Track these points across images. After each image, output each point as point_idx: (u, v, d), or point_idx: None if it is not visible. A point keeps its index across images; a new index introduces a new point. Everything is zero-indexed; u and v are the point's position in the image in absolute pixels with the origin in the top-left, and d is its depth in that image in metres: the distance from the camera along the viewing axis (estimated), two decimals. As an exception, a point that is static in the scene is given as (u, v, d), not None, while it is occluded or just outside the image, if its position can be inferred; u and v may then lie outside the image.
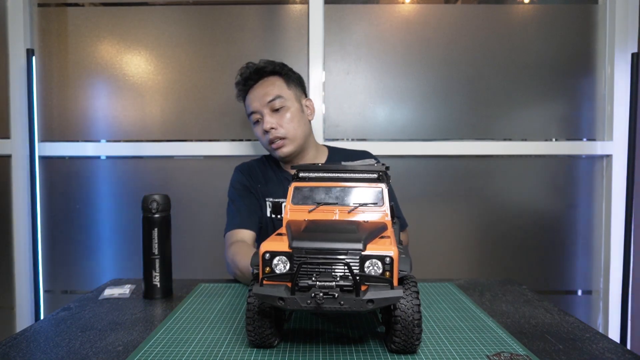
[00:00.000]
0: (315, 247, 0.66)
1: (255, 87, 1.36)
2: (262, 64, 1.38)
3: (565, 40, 1.78)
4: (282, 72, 1.38)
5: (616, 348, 0.74)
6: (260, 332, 0.71)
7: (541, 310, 0.93)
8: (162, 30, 1.76)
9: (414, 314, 0.68)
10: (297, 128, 1.34)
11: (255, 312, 0.70)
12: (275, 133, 1.31)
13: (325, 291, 0.63)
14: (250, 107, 1.36)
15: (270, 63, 1.38)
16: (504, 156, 1.79)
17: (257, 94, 1.35)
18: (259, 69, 1.37)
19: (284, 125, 1.32)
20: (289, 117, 1.33)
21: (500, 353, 0.72)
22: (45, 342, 0.79)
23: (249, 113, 1.38)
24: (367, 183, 0.80)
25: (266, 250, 0.67)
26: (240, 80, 1.39)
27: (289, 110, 1.34)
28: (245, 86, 1.38)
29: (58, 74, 1.76)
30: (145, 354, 0.73)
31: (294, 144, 1.34)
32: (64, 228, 1.79)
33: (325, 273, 0.65)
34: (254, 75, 1.37)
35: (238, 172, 1.43)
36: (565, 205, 1.82)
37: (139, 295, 1.07)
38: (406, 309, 0.68)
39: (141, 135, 1.77)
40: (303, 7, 1.76)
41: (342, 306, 0.63)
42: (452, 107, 1.78)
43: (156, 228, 1.02)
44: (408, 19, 1.77)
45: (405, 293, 0.68)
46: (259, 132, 1.37)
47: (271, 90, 1.34)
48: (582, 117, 1.80)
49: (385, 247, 0.67)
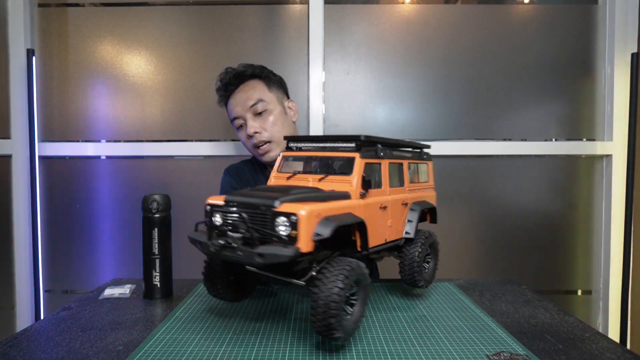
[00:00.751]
0: (238, 201, 0.72)
1: (236, 92, 1.35)
2: (241, 68, 1.37)
3: (565, 40, 1.78)
4: (262, 75, 1.37)
5: (616, 348, 0.74)
6: (214, 286, 0.85)
7: (541, 310, 0.94)
8: (162, 30, 1.76)
9: (329, 296, 0.64)
10: (281, 131, 1.34)
11: (209, 268, 0.83)
12: (260, 137, 1.31)
13: (226, 240, 0.69)
14: (233, 113, 1.35)
15: (250, 67, 1.37)
16: (504, 156, 1.79)
17: (239, 98, 1.34)
18: (238, 73, 1.36)
19: (267, 128, 1.32)
20: (272, 121, 1.32)
21: (500, 353, 0.72)
22: (46, 341, 0.79)
23: (232, 118, 1.37)
24: (345, 153, 0.81)
25: (208, 202, 0.76)
26: (221, 86, 1.38)
27: (271, 113, 1.33)
28: (226, 92, 1.37)
29: (58, 74, 1.76)
30: (146, 354, 0.73)
31: (280, 147, 1.33)
32: (64, 228, 1.79)
33: (239, 225, 0.71)
34: (234, 80, 1.36)
35: (227, 175, 1.44)
36: (565, 205, 1.82)
37: (139, 295, 1.07)
38: (321, 288, 0.65)
39: (141, 135, 1.77)
40: (303, 7, 1.76)
41: (239, 256, 0.67)
42: (452, 107, 1.78)
43: (156, 228, 1.02)
44: (408, 19, 1.77)
45: (328, 272, 0.65)
46: (243, 137, 1.36)
47: (252, 94, 1.33)
48: (582, 117, 1.80)
49: (300, 208, 0.65)
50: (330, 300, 0.64)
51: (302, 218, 0.65)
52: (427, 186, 1.03)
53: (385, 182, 0.85)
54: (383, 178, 0.85)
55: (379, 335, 0.79)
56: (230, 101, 1.37)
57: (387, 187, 0.86)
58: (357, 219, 0.74)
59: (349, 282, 0.67)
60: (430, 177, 1.04)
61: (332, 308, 0.64)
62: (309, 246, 0.65)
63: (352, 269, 0.68)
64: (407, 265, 0.92)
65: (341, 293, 0.65)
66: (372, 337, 0.79)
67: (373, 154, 0.82)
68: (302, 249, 0.64)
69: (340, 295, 0.65)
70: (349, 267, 0.68)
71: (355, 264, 0.70)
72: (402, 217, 0.91)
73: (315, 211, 0.67)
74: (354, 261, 0.70)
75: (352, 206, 0.75)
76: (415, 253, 0.91)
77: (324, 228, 0.66)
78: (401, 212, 0.90)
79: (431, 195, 1.03)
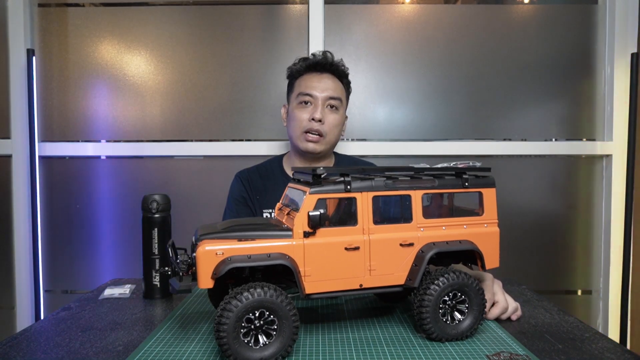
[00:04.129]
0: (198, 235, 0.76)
1: (323, 76, 1.35)
2: (337, 60, 1.37)
3: (565, 40, 1.78)
4: (345, 81, 1.40)
5: (615, 348, 0.74)
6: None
7: (541, 310, 0.93)
8: (162, 30, 1.76)
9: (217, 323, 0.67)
10: (336, 135, 1.37)
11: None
12: (319, 126, 1.31)
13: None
14: (309, 89, 1.33)
15: (343, 64, 1.39)
16: (504, 156, 1.79)
17: (325, 83, 1.34)
18: (335, 64, 1.36)
19: (328, 124, 1.33)
20: (336, 122, 1.34)
21: (500, 353, 0.72)
22: (46, 342, 0.79)
23: (303, 93, 1.33)
24: (303, 187, 0.77)
25: None
26: (312, 60, 1.36)
27: (338, 115, 1.35)
28: (311, 69, 1.36)
29: (58, 74, 1.76)
30: (146, 354, 0.73)
31: (325, 147, 1.35)
32: (64, 228, 1.79)
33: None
34: (328, 66, 1.36)
35: (238, 180, 1.42)
36: (565, 205, 1.82)
37: (139, 295, 1.07)
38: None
39: (141, 135, 1.77)
40: (303, 7, 1.76)
41: (172, 283, 0.75)
42: (452, 107, 1.78)
43: (156, 228, 1.02)
44: (408, 19, 1.77)
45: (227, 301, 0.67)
46: (301, 115, 1.32)
47: (337, 89, 1.35)
48: (582, 117, 1.80)
49: (205, 245, 0.70)
50: (215, 323, 0.67)
51: (199, 256, 0.69)
52: (476, 221, 0.81)
53: (363, 218, 0.75)
54: (359, 214, 0.75)
55: (379, 335, 0.79)
56: (312, 78, 1.34)
57: (369, 225, 0.75)
58: (277, 260, 0.70)
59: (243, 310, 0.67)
60: (487, 209, 0.82)
61: (220, 330, 0.67)
62: (208, 283, 0.69)
63: (250, 299, 0.67)
64: (415, 311, 0.77)
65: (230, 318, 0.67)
66: (372, 337, 0.79)
67: (340, 187, 0.74)
68: (200, 285, 0.69)
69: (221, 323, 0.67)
70: (245, 295, 0.68)
71: (259, 293, 0.68)
72: (401, 260, 0.77)
73: (220, 250, 0.69)
74: (259, 291, 0.68)
75: (285, 246, 0.72)
76: (418, 298, 0.76)
77: (223, 267, 0.68)
78: (399, 254, 0.76)
79: (482, 233, 0.81)
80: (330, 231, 0.74)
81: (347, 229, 0.74)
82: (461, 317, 0.77)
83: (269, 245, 0.71)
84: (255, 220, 0.86)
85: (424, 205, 0.78)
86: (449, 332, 0.76)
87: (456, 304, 0.77)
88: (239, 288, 0.68)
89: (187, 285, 0.72)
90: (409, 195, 0.77)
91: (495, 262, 0.82)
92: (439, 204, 0.83)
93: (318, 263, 0.73)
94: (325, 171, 0.75)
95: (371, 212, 0.75)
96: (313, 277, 0.73)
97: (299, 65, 1.38)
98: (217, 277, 0.68)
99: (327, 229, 0.74)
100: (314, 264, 0.73)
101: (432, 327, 0.75)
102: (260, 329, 0.69)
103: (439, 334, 0.76)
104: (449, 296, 0.76)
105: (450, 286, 0.76)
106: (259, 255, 0.70)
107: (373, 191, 0.75)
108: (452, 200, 0.82)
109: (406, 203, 0.78)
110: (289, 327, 0.69)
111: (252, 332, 0.68)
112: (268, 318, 0.69)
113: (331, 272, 0.73)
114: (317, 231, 0.73)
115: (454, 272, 0.77)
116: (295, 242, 0.72)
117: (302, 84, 1.35)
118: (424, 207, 0.78)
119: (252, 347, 0.68)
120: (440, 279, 0.75)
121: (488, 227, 0.82)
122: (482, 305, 0.78)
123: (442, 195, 0.82)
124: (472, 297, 0.77)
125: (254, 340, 0.69)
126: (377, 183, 0.76)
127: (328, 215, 0.77)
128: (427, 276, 0.77)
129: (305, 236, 0.72)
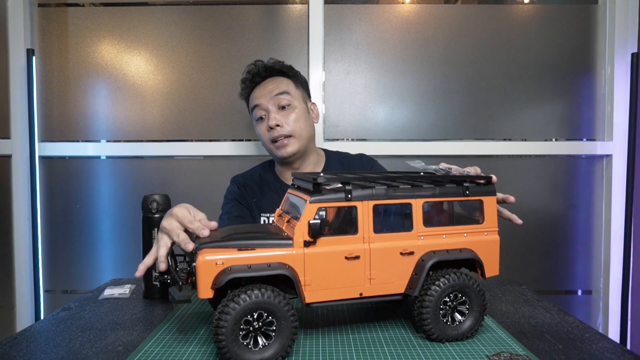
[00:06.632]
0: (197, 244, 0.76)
1: (262, 84, 1.34)
2: (271, 62, 1.36)
3: (565, 40, 1.78)
4: (290, 74, 1.38)
5: (616, 348, 0.74)
6: None
7: (541, 310, 0.93)
8: (162, 30, 1.76)
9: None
10: (304, 128, 1.32)
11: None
12: (281, 131, 1.29)
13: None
14: (255, 101, 1.33)
15: (278, 63, 1.37)
16: (504, 156, 1.79)
17: (264, 89, 1.33)
18: (268, 67, 1.35)
19: (289, 123, 1.30)
20: (295, 117, 1.31)
21: (500, 353, 0.72)
22: (46, 342, 0.79)
23: (253, 106, 1.34)
24: (303, 195, 0.76)
25: None
26: (248, 76, 1.36)
27: (295, 109, 1.32)
28: (252, 82, 1.36)
29: (58, 74, 1.76)
30: (145, 354, 0.73)
31: (299, 144, 1.31)
32: (64, 228, 1.79)
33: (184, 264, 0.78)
34: (262, 72, 1.35)
35: (233, 185, 1.42)
36: (565, 205, 1.82)
37: (139, 295, 1.07)
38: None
39: (141, 135, 1.77)
40: (303, 7, 1.76)
41: (171, 293, 0.75)
42: (452, 107, 1.78)
43: (156, 228, 1.02)
44: (408, 19, 1.77)
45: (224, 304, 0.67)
46: (262, 130, 1.33)
47: (279, 85, 1.32)
48: (581, 117, 1.80)
49: (205, 255, 0.69)
50: (213, 326, 0.67)
51: (200, 267, 0.69)
52: (476, 229, 0.81)
53: (364, 227, 0.74)
54: (360, 223, 0.74)
55: (378, 335, 0.79)
56: (255, 92, 1.35)
57: (369, 233, 0.74)
58: (278, 270, 0.70)
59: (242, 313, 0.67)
60: (488, 217, 0.81)
61: (218, 333, 0.67)
62: (208, 294, 0.68)
63: (246, 301, 0.67)
64: (415, 312, 0.77)
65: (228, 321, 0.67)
66: (372, 337, 0.79)
67: (341, 195, 0.73)
68: (200, 295, 0.69)
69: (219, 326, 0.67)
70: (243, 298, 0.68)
71: (256, 296, 0.68)
72: (401, 269, 0.76)
73: (220, 260, 0.69)
74: (256, 292, 0.68)
75: (285, 256, 0.71)
76: (418, 299, 0.76)
77: (224, 277, 0.68)
78: (400, 263, 0.76)
79: (483, 242, 0.81)
80: (331, 240, 0.73)
81: (348, 238, 0.74)
82: (462, 318, 0.77)
83: (269, 255, 0.71)
84: (254, 228, 0.86)
85: (424, 213, 0.78)
86: (449, 333, 0.76)
87: (457, 305, 0.77)
88: (236, 290, 0.68)
89: (187, 295, 0.72)
90: (410, 203, 0.77)
91: (495, 271, 0.82)
92: (440, 211, 0.82)
93: (318, 272, 0.72)
94: (325, 179, 0.74)
95: (372, 220, 0.74)
96: (313, 286, 0.72)
97: (241, 88, 1.40)
98: (217, 287, 0.68)
99: (328, 238, 0.73)
100: (314, 273, 0.72)
101: (433, 327, 0.75)
102: (259, 331, 0.69)
103: (439, 334, 0.75)
104: (450, 297, 0.76)
105: (451, 287, 0.76)
106: (259, 264, 0.70)
107: (374, 200, 0.75)
108: (453, 208, 0.82)
109: (407, 211, 0.77)
110: (288, 328, 0.69)
111: (251, 334, 0.68)
112: (266, 319, 0.68)
113: (331, 281, 0.73)
114: (317, 240, 0.72)
115: (454, 272, 0.77)
116: (296, 252, 0.71)
117: (251, 99, 1.37)
118: (424, 215, 0.77)
119: (252, 349, 0.68)
120: (441, 279, 0.75)
121: (488, 235, 0.81)
122: (483, 307, 0.78)
123: (442, 203, 0.81)
124: (472, 298, 0.77)
125: (253, 342, 0.68)
126: (378, 191, 0.75)
127: (328, 221, 0.77)
128: (427, 277, 0.77)
129: (306, 245, 0.72)
